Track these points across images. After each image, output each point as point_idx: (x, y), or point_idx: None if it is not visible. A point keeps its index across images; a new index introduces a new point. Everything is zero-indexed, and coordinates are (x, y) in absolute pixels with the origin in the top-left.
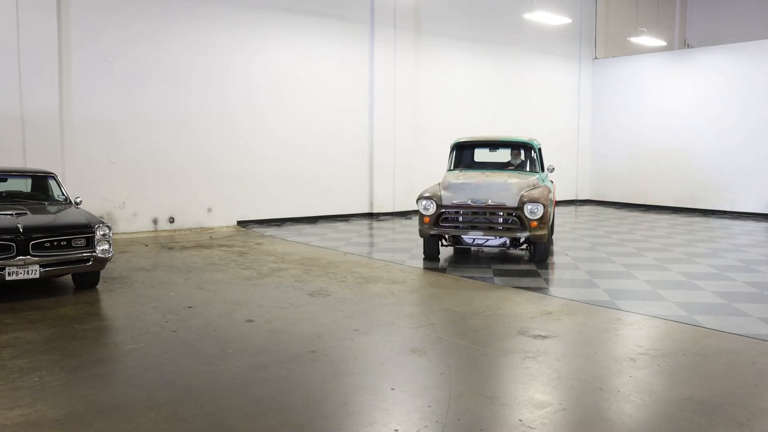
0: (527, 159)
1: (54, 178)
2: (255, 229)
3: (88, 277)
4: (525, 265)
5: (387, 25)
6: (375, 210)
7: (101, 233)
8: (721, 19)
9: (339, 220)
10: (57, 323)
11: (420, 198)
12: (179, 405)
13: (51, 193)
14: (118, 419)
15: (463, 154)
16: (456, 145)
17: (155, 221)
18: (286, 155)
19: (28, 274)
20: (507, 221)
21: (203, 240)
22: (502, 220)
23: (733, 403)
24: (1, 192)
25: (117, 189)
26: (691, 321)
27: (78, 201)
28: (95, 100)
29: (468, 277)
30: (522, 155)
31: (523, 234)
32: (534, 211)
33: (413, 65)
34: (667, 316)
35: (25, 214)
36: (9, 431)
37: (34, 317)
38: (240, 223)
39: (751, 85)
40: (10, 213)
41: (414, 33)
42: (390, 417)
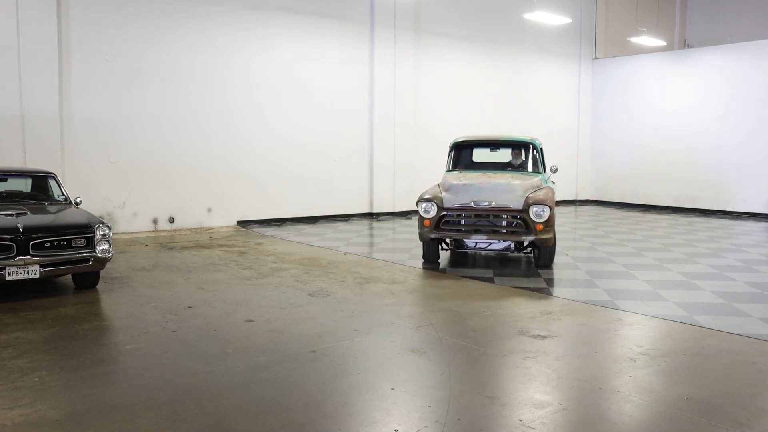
0: (529, 159)
1: (54, 178)
2: (255, 229)
3: (88, 277)
4: (525, 266)
5: (387, 25)
6: (375, 210)
7: (101, 233)
8: (721, 19)
9: (339, 220)
10: (57, 323)
11: (420, 200)
12: (179, 405)
13: (51, 193)
14: (118, 419)
15: (463, 154)
16: (455, 145)
17: (155, 221)
18: (286, 155)
19: (28, 274)
20: (511, 224)
21: (203, 240)
22: (506, 223)
23: (733, 403)
24: (1, 192)
25: (117, 189)
26: (691, 321)
27: (78, 201)
28: (95, 100)
29: (468, 277)
30: (523, 155)
31: (528, 237)
32: (540, 214)
33: (413, 65)
34: (667, 316)
35: (25, 214)
36: (9, 431)
37: (34, 317)
38: (240, 223)
39: (751, 85)
40: (10, 213)
41: (414, 33)
42: (390, 417)
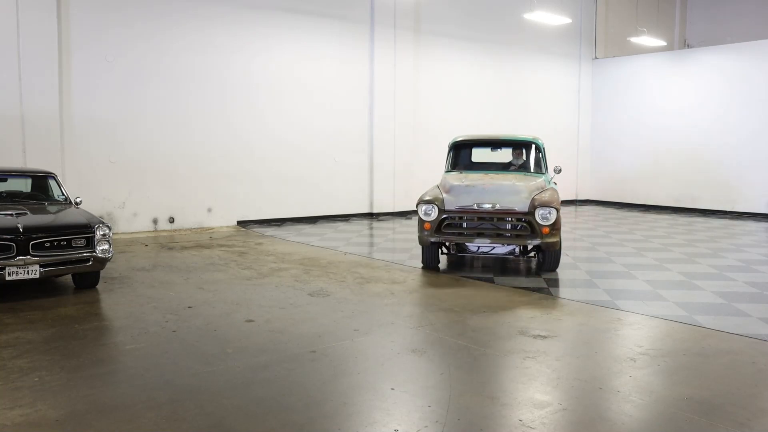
0: (531, 159)
1: (54, 178)
2: (255, 229)
3: (88, 277)
4: (525, 266)
5: (387, 25)
6: (375, 210)
7: (101, 233)
8: (721, 19)
9: (339, 220)
10: (57, 323)
11: (420, 202)
12: (179, 405)
13: (51, 193)
14: (118, 419)
15: (463, 153)
16: (454, 144)
17: (155, 221)
18: (286, 155)
19: (28, 274)
20: (516, 227)
21: (203, 240)
22: (510, 226)
23: (733, 403)
24: (1, 192)
25: (117, 189)
26: (691, 321)
27: (78, 201)
28: (95, 100)
29: (468, 277)
30: (524, 155)
31: (534, 241)
32: (546, 217)
33: (413, 65)
34: (667, 316)
35: (25, 214)
36: (9, 431)
37: (34, 317)
38: (240, 223)
39: (751, 85)
40: (10, 213)
41: (414, 33)
42: (390, 417)
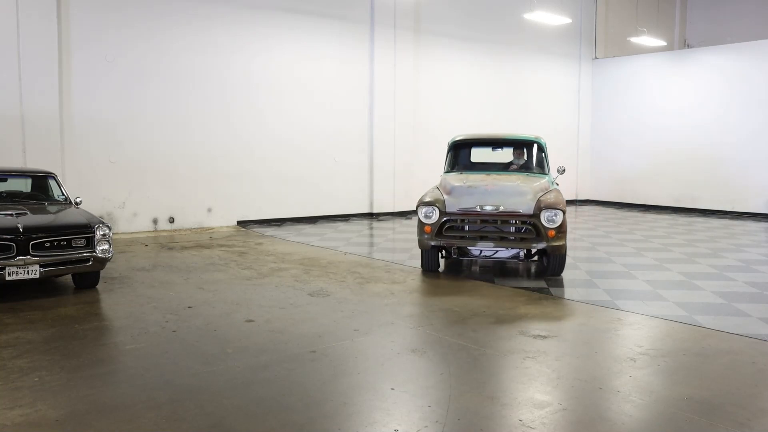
0: (534, 159)
1: (54, 178)
2: (255, 229)
3: (88, 277)
4: (525, 266)
5: (387, 25)
6: (375, 210)
7: (101, 233)
8: (721, 19)
9: (339, 220)
10: (57, 323)
11: (420, 204)
12: (179, 405)
13: (51, 193)
14: (118, 419)
15: (463, 153)
16: (454, 144)
17: (155, 221)
18: (286, 155)
19: (28, 274)
20: (521, 230)
21: (203, 240)
22: (514, 229)
23: (733, 403)
24: (1, 192)
25: (117, 189)
26: (691, 321)
27: (78, 201)
28: (95, 100)
29: (468, 277)
30: (525, 154)
31: (539, 245)
32: (552, 219)
33: (413, 65)
34: (667, 316)
35: (25, 214)
36: (9, 431)
37: (34, 317)
38: (240, 223)
39: (751, 85)
40: (10, 213)
41: (414, 33)
42: (390, 417)
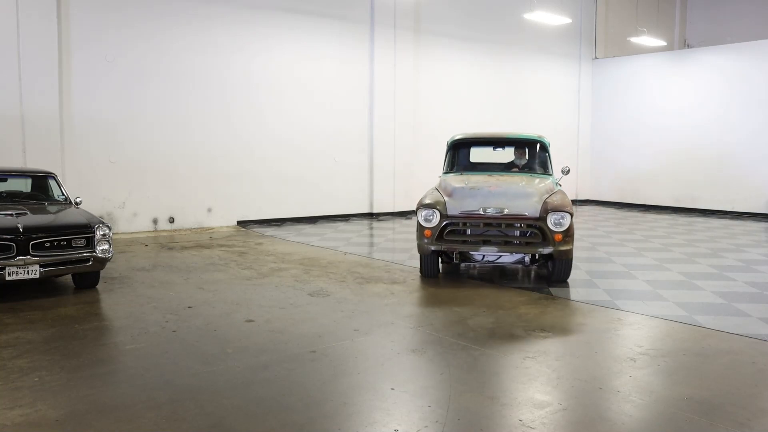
0: (537, 159)
1: (54, 178)
2: (255, 229)
3: (88, 277)
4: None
5: (387, 25)
6: (375, 210)
7: (101, 233)
8: (721, 19)
9: (339, 220)
10: (57, 323)
11: (420, 207)
12: (179, 405)
13: (51, 193)
14: (118, 419)
15: (463, 153)
16: (454, 143)
17: (155, 221)
18: (286, 155)
19: (28, 274)
20: (526, 234)
21: (203, 240)
22: (519, 233)
23: (733, 403)
24: (1, 192)
25: (117, 189)
26: (691, 321)
27: (78, 201)
28: (95, 100)
29: (468, 278)
30: (528, 154)
31: (546, 249)
32: (559, 222)
33: (413, 65)
34: (667, 316)
35: (25, 214)
36: (9, 431)
37: (34, 317)
38: (240, 223)
39: (751, 85)
40: (10, 213)
41: (414, 33)
42: (390, 417)
